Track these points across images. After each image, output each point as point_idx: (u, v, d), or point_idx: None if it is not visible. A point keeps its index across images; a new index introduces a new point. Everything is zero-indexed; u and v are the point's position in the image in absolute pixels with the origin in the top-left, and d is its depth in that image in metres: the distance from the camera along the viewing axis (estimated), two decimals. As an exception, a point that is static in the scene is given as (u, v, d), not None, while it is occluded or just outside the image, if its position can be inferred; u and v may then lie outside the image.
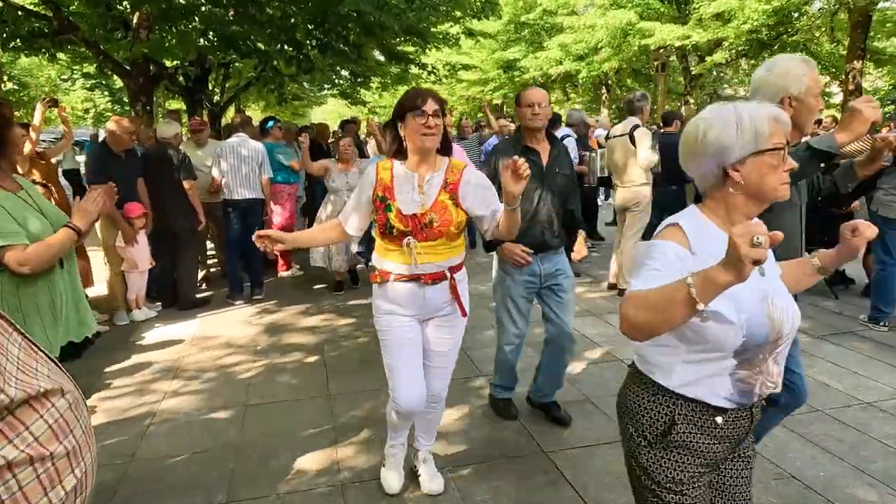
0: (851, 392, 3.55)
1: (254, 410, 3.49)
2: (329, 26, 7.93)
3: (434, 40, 9.53)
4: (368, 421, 3.32)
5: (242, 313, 5.39)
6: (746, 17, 12.99)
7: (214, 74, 12.76)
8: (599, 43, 16.65)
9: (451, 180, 2.26)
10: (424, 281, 2.28)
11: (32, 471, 0.99)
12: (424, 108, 2.13)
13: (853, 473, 2.74)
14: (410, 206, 2.22)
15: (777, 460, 2.85)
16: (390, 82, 15.13)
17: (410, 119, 2.17)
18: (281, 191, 6.46)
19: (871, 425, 3.16)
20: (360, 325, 4.98)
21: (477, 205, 2.29)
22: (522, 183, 2.02)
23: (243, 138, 5.69)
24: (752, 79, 2.22)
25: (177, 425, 3.32)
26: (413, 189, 2.23)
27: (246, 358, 4.31)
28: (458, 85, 24.56)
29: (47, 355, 1.13)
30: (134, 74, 8.37)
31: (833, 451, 2.92)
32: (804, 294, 5.34)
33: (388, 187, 2.25)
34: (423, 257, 2.24)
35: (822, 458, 2.88)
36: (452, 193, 2.25)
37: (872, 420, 3.22)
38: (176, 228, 5.37)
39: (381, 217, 2.25)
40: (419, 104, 2.14)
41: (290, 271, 6.77)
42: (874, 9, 12.49)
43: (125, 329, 4.97)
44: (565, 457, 2.92)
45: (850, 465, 2.81)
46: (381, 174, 2.28)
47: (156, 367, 4.17)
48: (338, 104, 28.42)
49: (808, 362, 3.97)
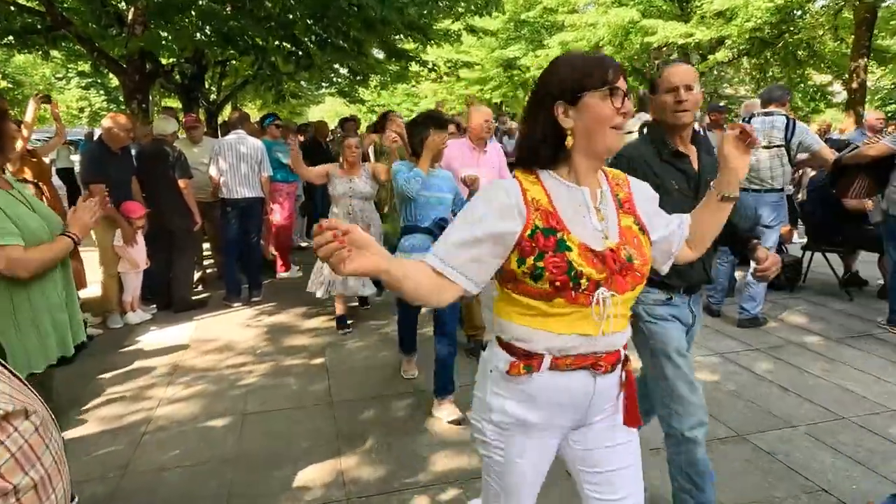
0: (878, 399, 3.41)
1: (253, 418, 3.33)
2: (328, 21, 7.77)
3: (436, 37, 9.38)
4: (373, 429, 3.17)
5: (240, 316, 5.22)
6: (750, 15, 12.86)
7: (211, 72, 12.59)
8: (601, 41, 16.49)
9: (621, 195, 1.46)
10: (600, 366, 1.39)
11: None
12: (618, 86, 1.31)
13: (890, 488, 2.59)
14: (595, 239, 1.36)
15: (806, 472, 2.70)
16: (389, 80, 14.98)
17: (594, 100, 1.31)
18: (279, 189, 6.30)
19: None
20: (363, 328, 4.82)
21: (659, 224, 1.53)
22: (748, 156, 1.52)
23: (241, 135, 5.52)
24: None
25: (172, 434, 3.16)
26: (589, 212, 1.37)
27: (244, 362, 4.15)
28: (458, 84, 24.39)
29: (9, 370, 0.97)
30: (129, 72, 8.21)
31: (866, 463, 2.78)
32: (816, 296, 5.22)
33: (549, 212, 1.34)
34: (615, 322, 1.37)
35: (854, 470, 2.73)
36: (633, 214, 1.45)
37: (902, 428, 3.08)
38: (172, 228, 5.20)
39: (552, 261, 1.29)
40: (610, 78, 1.31)
41: (289, 272, 6.61)
42: (882, 5, 12.37)
43: (119, 332, 4.80)
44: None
45: (884, 476, 2.66)
46: (531, 191, 1.35)
47: (151, 372, 4.00)
48: (335, 103, 28.25)
49: (828, 367, 3.85)
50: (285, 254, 6.62)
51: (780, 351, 4.15)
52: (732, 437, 3.03)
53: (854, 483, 2.63)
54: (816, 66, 16.98)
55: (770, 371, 3.81)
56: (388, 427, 3.19)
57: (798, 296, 5.44)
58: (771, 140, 4.49)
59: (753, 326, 4.59)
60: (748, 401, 3.41)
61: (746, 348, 4.20)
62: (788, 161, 4.51)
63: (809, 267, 5.72)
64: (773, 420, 3.19)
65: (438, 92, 26.11)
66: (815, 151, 4.51)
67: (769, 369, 3.84)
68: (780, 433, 3.05)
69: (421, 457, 2.88)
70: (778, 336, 4.44)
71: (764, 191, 4.57)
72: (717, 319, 4.83)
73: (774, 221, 4.63)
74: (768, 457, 2.84)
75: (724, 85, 23.13)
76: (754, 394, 3.49)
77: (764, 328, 4.60)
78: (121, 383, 3.82)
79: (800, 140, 4.43)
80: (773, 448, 2.91)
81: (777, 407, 3.33)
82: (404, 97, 31.84)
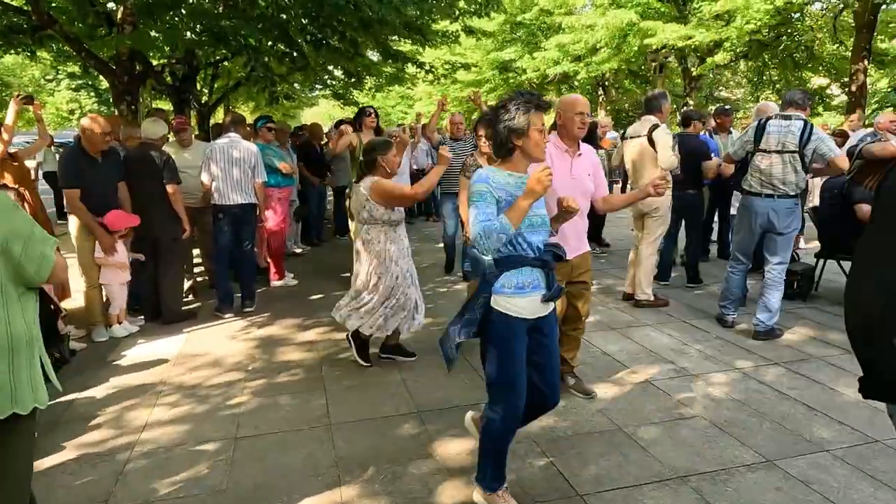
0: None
1: (245, 444, 3.09)
2: (324, 21, 7.54)
3: (433, 37, 9.16)
4: (375, 455, 2.94)
5: (232, 328, 4.98)
6: (749, 17, 12.72)
7: (203, 74, 12.33)
8: (598, 43, 16.33)
9: None
10: None
11: None
12: None
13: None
14: None
15: (843, 503, 2.50)
16: (384, 82, 14.75)
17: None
18: (272, 195, 6.06)
19: (941, 459, 2.82)
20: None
21: None
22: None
23: (234, 139, 5.27)
24: None
25: (158, 462, 2.92)
26: None
27: (236, 379, 3.91)
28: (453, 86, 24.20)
29: None
30: (118, 73, 7.96)
31: (908, 493, 2.57)
32: (831, 306, 5.02)
33: None
34: None
35: (894, 501, 2.52)
36: None
37: (941, 453, 2.88)
38: (160, 235, 4.95)
39: None
40: None
41: (283, 281, 6.36)
42: (885, 7, 12.25)
43: (104, 346, 4.55)
44: (602, 500, 2.56)
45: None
46: None
47: (136, 390, 3.75)
48: (329, 105, 28.01)
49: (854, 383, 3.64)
50: (279, 261, 6.38)
51: (801, 366, 3.95)
52: (762, 463, 2.82)
53: (897, 516, 2.43)
54: (814, 69, 16.90)
55: (794, 388, 3.61)
56: (391, 452, 2.96)
57: (812, 305, 5.25)
58: (785, 145, 4.30)
59: (770, 339, 4.40)
60: (774, 422, 3.20)
61: (766, 363, 4.00)
62: (803, 168, 4.32)
63: (822, 275, 5.54)
64: (803, 444, 2.98)
65: (434, 94, 25.93)
66: (830, 160, 4.31)
67: (792, 386, 3.64)
68: (812, 458, 2.85)
69: (428, 488, 2.66)
70: (797, 349, 4.24)
71: (777, 196, 4.38)
72: (731, 331, 4.63)
73: (788, 228, 4.43)
74: (803, 486, 2.63)
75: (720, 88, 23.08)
76: (779, 414, 3.29)
77: (780, 340, 4.41)
78: (103, 404, 3.57)
79: (814, 147, 4.24)
80: (807, 476, 2.70)
81: (806, 429, 3.13)
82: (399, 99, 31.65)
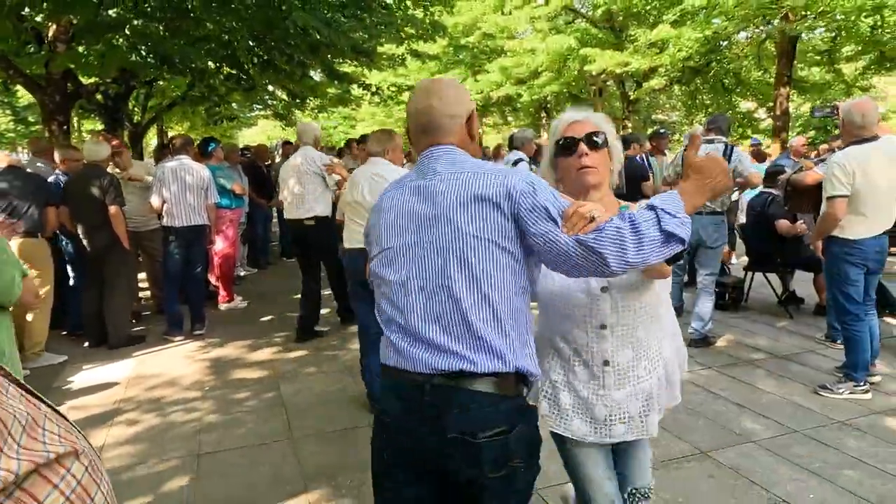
0: (825, 412, 3.56)
1: (208, 460, 3.11)
2: (274, 44, 7.60)
3: (379, 60, 9.35)
4: (341, 464, 3.02)
5: (183, 350, 4.94)
6: (681, 46, 13.62)
7: (136, 92, 11.98)
8: (540, 67, 16.98)
9: None
10: None
11: None
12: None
13: (844, 497, 2.69)
14: None
15: (768, 485, 2.77)
16: (328, 103, 14.78)
17: None
18: (223, 216, 6.05)
19: (846, 444, 3.15)
20: (318, 358, 4.65)
21: None
22: None
23: (184, 161, 5.24)
24: None
25: (120, 484, 2.89)
26: None
27: (193, 398, 3.91)
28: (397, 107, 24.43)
29: (52, 408, 0.91)
30: (49, 91, 7.62)
31: (820, 474, 2.87)
32: (759, 315, 5.45)
33: None
34: None
35: (810, 480, 2.82)
36: None
37: (848, 438, 3.22)
38: (106, 257, 4.87)
39: None
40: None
41: (232, 303, 6.32)
42: (800, 38, 13.34)
43: (46, 372, 4.43)
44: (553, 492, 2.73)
45: (839, 486, 2.76)
46: None
47: (86, 415, 3.68)
48: (268, 126, 27.62)
49: (777, 383, 4.01)
50: (228, 284, 6.34)
51: (732, 369, 4.28)
52: (696, 454, 3.08)
53: (811, 493, 2.72)
54: (742, 94, 18.16)
55: (725, 389, 3.92)
56: (356, 462, 3.06)
57: (742, 315, 5.67)
58: None
59: (704, 346, 4.74)
60: (708, 419, 3.49)
61: (700, 367, 4.32)
62: None
63: (751, 286, 5.98)
64: (733, 437, 3.27)
65: (377, 115, 26.03)
66: (745, 177, 4.79)
67: (724, 387, 3.95)
68: (741, 449, 3.13)
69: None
70: (728, 354, 4.59)
71: (705, 213, 4.76)
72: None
73: (716, 242, 4.83)
74: (732, 472, 2.90)
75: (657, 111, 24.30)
76: (712, 412, 3.58)
77: (714, 347, 4.75)
78: (55, 428, 3.50)
79: (734, 166, 4.67)
80: (735, 464, 2.97)
81: (736, 424, 3.42)
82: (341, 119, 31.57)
